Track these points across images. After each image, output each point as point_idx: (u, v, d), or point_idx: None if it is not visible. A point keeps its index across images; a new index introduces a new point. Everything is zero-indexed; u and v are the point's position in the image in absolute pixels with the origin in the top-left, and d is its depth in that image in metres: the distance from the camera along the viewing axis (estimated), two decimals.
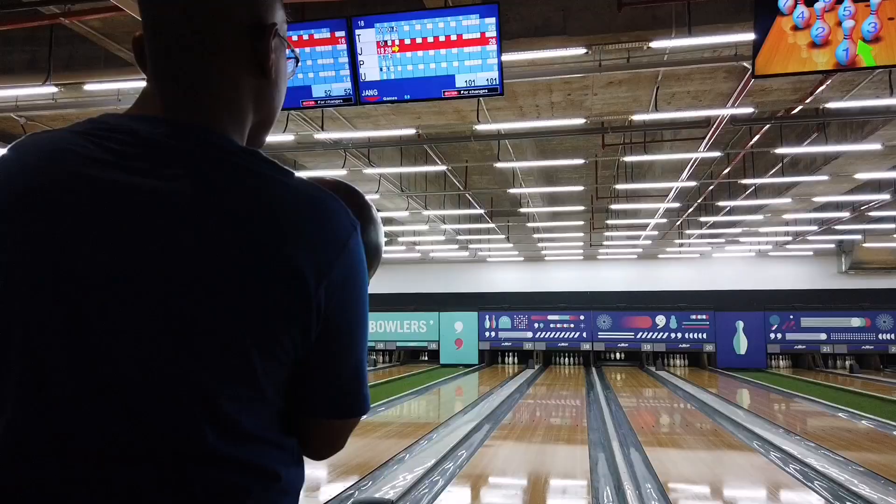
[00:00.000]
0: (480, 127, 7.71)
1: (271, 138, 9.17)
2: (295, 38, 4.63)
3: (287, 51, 0.83)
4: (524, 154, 9.65)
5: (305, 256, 0.69)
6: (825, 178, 10.22)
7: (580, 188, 10.92)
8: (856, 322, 18.93)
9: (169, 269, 0.66)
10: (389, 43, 4.60)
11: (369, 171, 9.88)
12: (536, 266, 22.08)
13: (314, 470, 5.79)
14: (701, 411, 9.98)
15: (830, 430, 8.32)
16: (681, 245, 18.97)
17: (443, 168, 9.81)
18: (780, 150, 8.90)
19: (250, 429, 0.69)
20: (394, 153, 10.72)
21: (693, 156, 9.00)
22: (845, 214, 13.62)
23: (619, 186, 11.03)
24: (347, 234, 0.73)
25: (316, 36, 4.67)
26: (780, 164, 10.44)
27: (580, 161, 8.91)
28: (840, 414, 9.66)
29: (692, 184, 10.57)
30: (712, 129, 8.56)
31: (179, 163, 0.69)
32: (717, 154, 8.64)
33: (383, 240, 0.98)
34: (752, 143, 9.02)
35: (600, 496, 5.00)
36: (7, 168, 0.71)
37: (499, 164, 9.22)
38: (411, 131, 7.82)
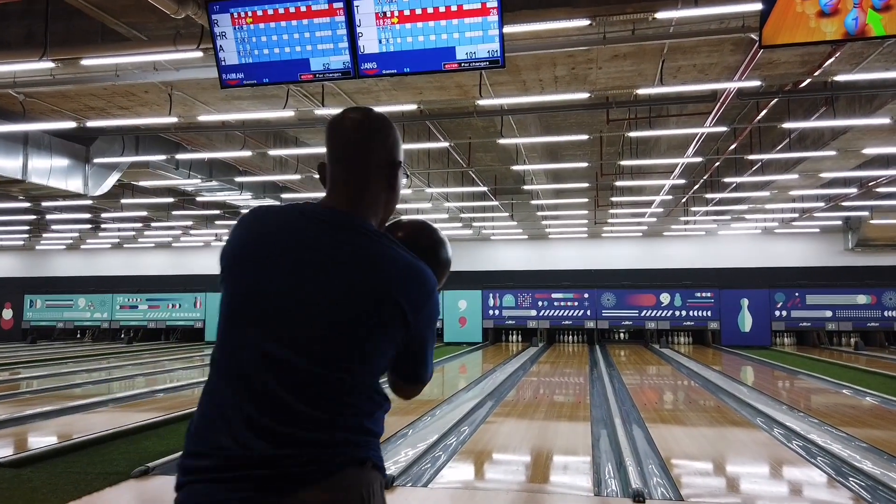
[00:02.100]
0: (483, 102, 7.61)
1: (272, 115, 9.08)
2: (292, 9, 4.54)
3: (402, 171, 1.40)
4: (528, 130, 9.53)
5: (407, 301, 1.22)
6: (833, 153, 10.09)
7: (584, 164, 10.79)
8: (861, 299, 18.88)
9: (329, 294, 1.18)
10: (388, 14, 4.50)
11: None
12: (540, 244, 22.02)
13: None
14: (705, 388, 9.97)
15: (834, 407, 8.30)
16: (686, 222, 18.87)
17: (445, 145, 9.70)
18: (787, 125, 8.76)
19: (368, 383, 1.23)
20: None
21: (699, 130, 8.88)
22: (853, 190, 13.49)
23: (624, 163, 10.92)
24: (432, 290, 1.29)
25: (313, 7, 4.58)
26: (788, 140, 10.32)
27: (584, 137, 8.79)
28: (844, 391, 9.65)
29: (698, 159, 10.45)
30: (719, 103, 8.44)
31: (344, 234, 1.23)
32: (723, 129, 8.51)
33: (451, 254, 1.48)
34: (759, 117, 8.89)
35: (602, 472, 5.01)
36: (250, 224, 1.27)
37: (502, 141, 9.11)
38: (413, 107, 7.71)
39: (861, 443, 5.94)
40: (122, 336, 23.04)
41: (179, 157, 10.27)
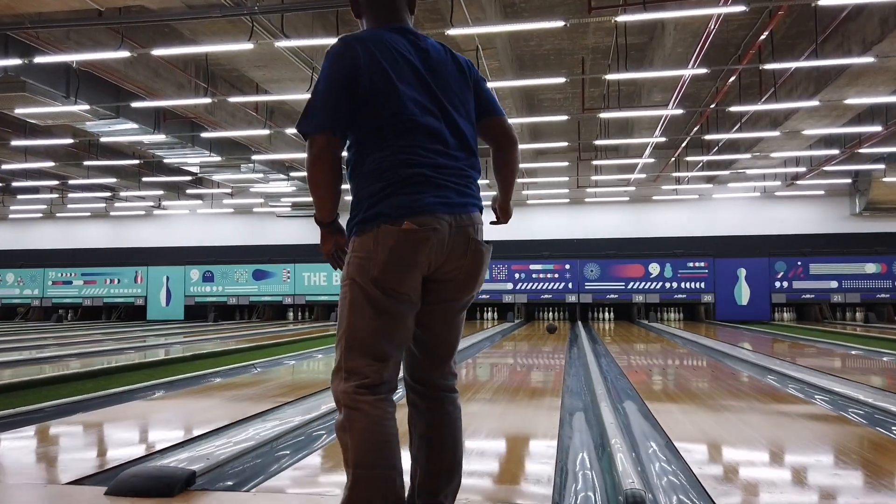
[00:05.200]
0: None
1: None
2: None
3: None
4: (486, 16, 7.24)
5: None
6: (871, 59, 7.97)
7: (561, 80, 8.54)
8: (870, 268, 17.23)
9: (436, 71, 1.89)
10: None
11: (283, 44, 7.50)
12: (517, 210, 19.76)
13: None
14: (719, 361, 7.95)
15: (853, 368, 6.49)
16: (678, 180, 16.83)
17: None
18: (823, 2, 6.52)
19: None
20: (318, 26, 8.36)
21: (713, 11, 6.71)
22: (878, 128, 11.43)
23: (611, 76, 8.71)
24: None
25: None
26: (814, 46, 8.16)
27: (559, 23, 6.58)
28: (854, 352, 8.19)
29: (703, 70, 8.28)
30: None
31: (414, 36, 1.86)
32: (740, 8, 6.35)
33: None
34: None
35: (569, 479, 2.89)
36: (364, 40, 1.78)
37: (452, 31, 6.87)
38: None
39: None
40: (60, 313, 20.94)
41: (38, 60, 7.86)
